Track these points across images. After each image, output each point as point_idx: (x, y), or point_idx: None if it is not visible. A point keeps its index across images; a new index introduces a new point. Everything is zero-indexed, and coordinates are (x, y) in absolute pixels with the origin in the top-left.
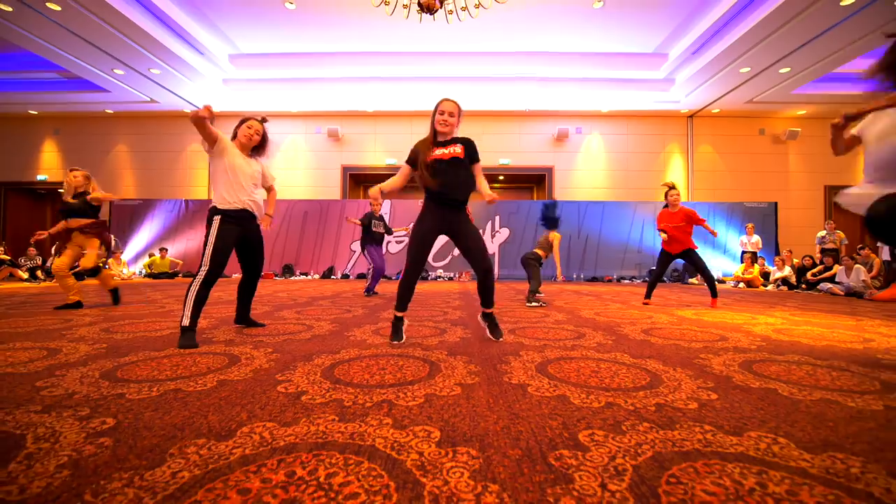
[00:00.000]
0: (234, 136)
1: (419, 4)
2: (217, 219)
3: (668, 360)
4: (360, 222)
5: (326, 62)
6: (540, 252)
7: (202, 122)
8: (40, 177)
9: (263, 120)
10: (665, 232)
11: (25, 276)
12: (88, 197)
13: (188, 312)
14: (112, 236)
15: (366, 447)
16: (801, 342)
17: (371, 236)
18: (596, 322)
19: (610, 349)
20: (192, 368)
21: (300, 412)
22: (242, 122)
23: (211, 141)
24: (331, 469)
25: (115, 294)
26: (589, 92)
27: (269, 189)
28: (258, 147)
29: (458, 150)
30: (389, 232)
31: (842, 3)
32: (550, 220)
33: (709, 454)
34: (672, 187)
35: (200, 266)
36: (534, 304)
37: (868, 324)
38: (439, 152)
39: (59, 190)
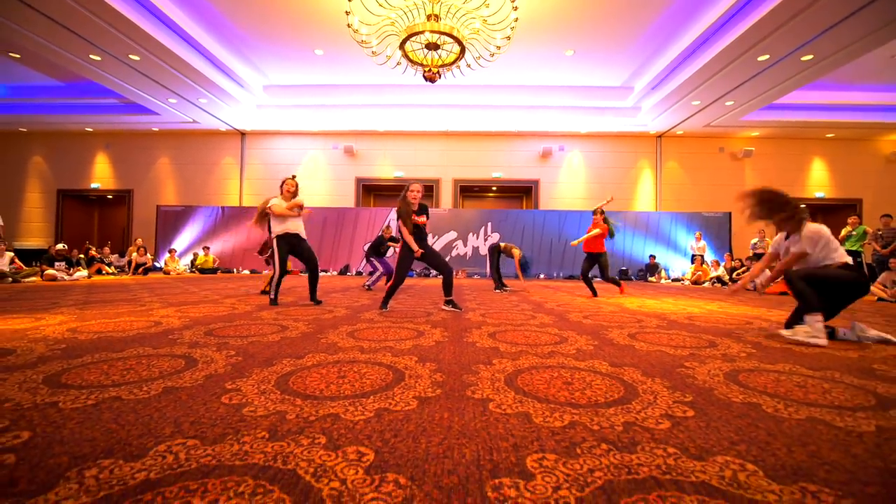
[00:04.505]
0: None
1: (423, 76)
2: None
3: (568, 323)
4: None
5: (345, 91)
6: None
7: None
8: (94, 185)
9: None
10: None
11: (114, 271)
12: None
13: (273, 293)
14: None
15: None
16: (644, 311)
17: (377, 252)
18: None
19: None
20: (302, 316)
21: (369, 323)
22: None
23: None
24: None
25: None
26: (569, 116)
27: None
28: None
29: (424, 219)
30: (397, 241)
31: (759, 59)
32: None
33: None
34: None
35: (276, 270)
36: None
37: (706, 304)
38: (420, 219)
39: (109, 197)
